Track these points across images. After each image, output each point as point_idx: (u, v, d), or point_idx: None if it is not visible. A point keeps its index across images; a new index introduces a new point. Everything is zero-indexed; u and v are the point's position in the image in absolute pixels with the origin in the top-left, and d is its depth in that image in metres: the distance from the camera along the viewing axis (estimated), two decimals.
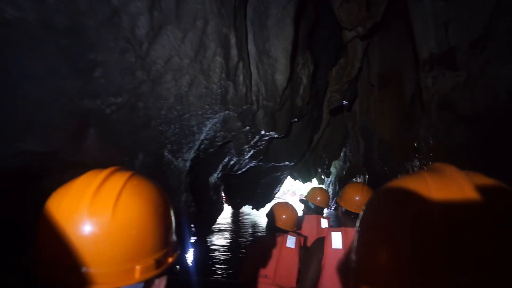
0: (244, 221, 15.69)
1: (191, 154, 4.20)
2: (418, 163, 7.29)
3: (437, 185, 0.47)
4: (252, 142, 5.68)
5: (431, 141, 5.52)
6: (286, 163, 8.60)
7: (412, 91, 7.53)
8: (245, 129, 5.01)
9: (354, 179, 12.94)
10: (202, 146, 4.63)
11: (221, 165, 5.90)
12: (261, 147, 6.58)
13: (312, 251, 2.03)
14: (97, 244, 0.60)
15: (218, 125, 4.45)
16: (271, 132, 5.83)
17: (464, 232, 0.41)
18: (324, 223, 3.19)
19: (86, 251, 0.59)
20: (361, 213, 0.57)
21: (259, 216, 16.39)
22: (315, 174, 17.61)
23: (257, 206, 10.89)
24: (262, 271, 2.31)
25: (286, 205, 2.64)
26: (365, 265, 0.51)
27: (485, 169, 4.16)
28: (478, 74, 4.42)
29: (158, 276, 0.68)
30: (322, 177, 20.03)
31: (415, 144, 6.79)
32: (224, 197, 9.58)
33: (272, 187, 10.38)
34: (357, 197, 2.03)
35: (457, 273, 0.39)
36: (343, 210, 2.07)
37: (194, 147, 4.12)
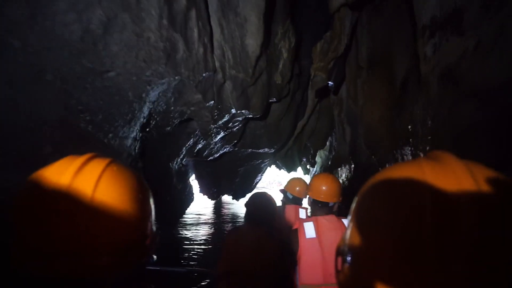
0: (226, 211, 14.79)
1: (134, 131, 3.21)
2: (410, 151, 6.43)
3: (433, 174, 0.46)
4: (220, 122, 4.71)
5: (429, 123, 4.61)
6: (266, 149, 7.65)
7: (404, 73, 6.63)
8: (208, 104, 4.04)
9: (339, 169, 12.07)
10: (153, 122, 3.64)
11: (185, 148, 4.92)
12: (234, 129, 5.62)
13: (288, 243, 2.05)
14: (75, 227, 0.57)
15: (170, 95, 3.48)
16: (243, 111, 4.86)
17: (456, 223, 0.40)
18: (302, 213, 3.21)
19: (65, 233, 0.56)
20: (355, 201, 0.56)
21: (241, 207, 15.51)
22: (299, 163, 16.75)
23: (237, 196, 9.95)
24: (242, 262, 2.22)
25: (265, 195, 2.58)
26: (360, 253, 0.50)
27: (497, 158, 3.18)
28: (491, 40, 3.49)
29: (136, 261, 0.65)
30: (308, 167, 19.21)
31: (409, 127, 5.93)
32: (199, 187, 8.62)
33: (252, 176, 9.44)
34: (323, 187, 2.08)
35: (446, 263, 0.39)
36: (311, 200, 2.14)
37: (137, 121, 3.14)
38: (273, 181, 31.76)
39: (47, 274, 0.55)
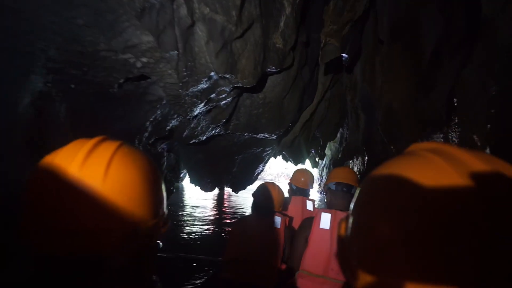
0: (227, 204, 13.58)
1: (33, 82, 1.90)
2: (441, 137, 5.03)
3: (440, 168, 0.42)
4: (196, 89, 3.40)
5: (481, 105, 3.15)
6: (266, 135, 6.31)
7: (435, 42, 5.21)
8: (170, 56, 2.72)
9: (351, 162, 10.65)
10: (75, 72, 2.32)
11: (150, 123, 3.60)
12: (221, 104, 4.30)
13: (300, 229, 2.02)
14: (88, 209, 0.55)
15: (97, 32, 2.14)
16: (228, 77, 3.54)
17: (465, 216, 0.37)
18: (309, 205, 3.14)
19: (74, 214, 0.55)
20: (355, 196, 0.53)
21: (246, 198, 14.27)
22: (307, 155, 15.36)
23: (235, 188, 8.65)
24: (248, 250, 2.21)
25: (273, 185, 2.54)
26: (360, 246, 0.47)
27: None
28: None
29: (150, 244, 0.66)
30: (317, 159, 17.79)
31: (441, 110, 4.52)
32: (188, 177, 7.36)
33: (252, 166, 8.12)
34: (344, 171, 2.06)
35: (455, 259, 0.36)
36: (334, 187, 2.01)
37: (34, 70, 1.81)
38: (281, 174, 30.45)
39: (59, 253, 0.54)
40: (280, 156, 15.06)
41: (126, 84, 2.84)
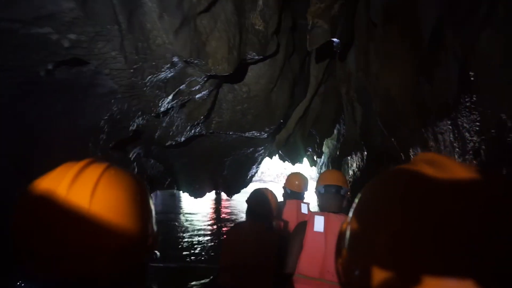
0: (226, 210, 12.98)
1: None
2: (450, 129, 4.41)
3: (434, 175, 0.43)
4: (156, 78, 2.76)
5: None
6: (255, 133, 5.68)
7: (436, 17, 4.59)
8: (107, 31, 2.09)
9: (349, 158, 10.00)
10: None
11: (104, 122, 2.96)
12: (195, 97, 3.67)
13: (294, 233, 2.02)
14: (74, 234, 0.55)
15: None
16: (196, 62, 2.91)
17: (457, 219, 0.38)
18: (304, 208, 3.08)
19: (63, 239, 0.55)
20: (355, 202, 0.53)
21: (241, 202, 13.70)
22: (305, 154, 14.71)
23: (228, 192, 8.01)
24: (243, 255, 2.18)
25: (266, 191, 2.55)
26: (358, 248, 0.48)
27: None
28: None
29: (139, 264, 0.66)
30: (314, 158, 17.14)
31: (448, 90, 3.90)
32: (174, 184, 6.73)
33: (244, 168, 7.49)
34: (330, 173, 2.17)
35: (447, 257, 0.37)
36: (323, 189, 2.03)
37: None
38: (280, 174, 29.79)
39: (47, 276, 0.55)
40: (277, 156, 14.41)
41: (58, 71, 2.20)
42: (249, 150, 6.85)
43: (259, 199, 2.46)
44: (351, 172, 10.30)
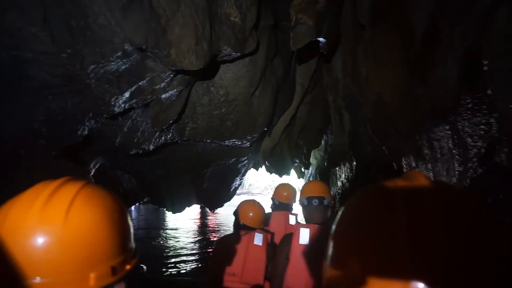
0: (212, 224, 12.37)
1: None
2: (448, 133, 3.93)
3: (405, 190, 0.46)
4: (104, 69, 2.22)
5: None
6: (236, 141, 5.15)
7: (426, 22, 4.19)
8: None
9: (337, 169, 9.53)
10: None
11: (40, 124, 2.37)
12: (161, 97, 3.14)
13: (280, 246, 2.01)
14: (48, 253, 0.54)
15: None
16: (154, 51, 2.38)
17: (428, 229, 0.41)
18: (292, 220, 3.03)
19: (38, 261, 0.53)
20: (337, 218, 0.55)
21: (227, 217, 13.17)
22: (292, 166, 14.19)
23: (210, 206, 7.40)
24: (229, 269, 2.18)
25: (253, 203, 2.51)
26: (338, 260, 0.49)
27: None
28: None
29: (116, 283, 0.63)
30: (302, 169, 16.65)
31: (447, 90, 3.44)
32: (148, 197, 6.12)
33: (226, 180, 6.91)
34: (312, 184, 2.17)
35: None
36: (306, 202, 2.02)
37: None
38: (268, 187, 29.19)
39: None
40: (264, 167, 13.86)
41: None
42: (230, 160, 6.29)
43: (247, 211, 2.42)
44: (339, 184, 9.80)
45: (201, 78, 3.71)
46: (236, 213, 2.47)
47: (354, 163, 7.60)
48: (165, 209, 6.37)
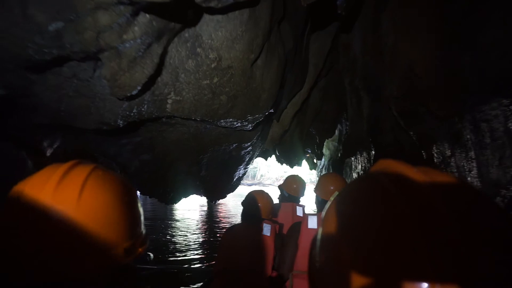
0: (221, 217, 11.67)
1: None
2: (503, 106, 2.92)
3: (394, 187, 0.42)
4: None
5: None
6: (234, 122, 4.23)
7: None
8: None
9: (353, 159, 8.49)
10: None
11: None
12: (120, 48, 2.20)
13: (289, 233, 2.00)
14: (62, 234, 0.53)
15: None
16: None
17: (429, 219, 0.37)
18: (299, 211, 2.96)
19: (48, 241, 0.52)
20: (327, 206, 0.52)
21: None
22: (304, 156, 13.19)
23: (210, 196, 6.53)
24: (237, 259, 2.12)
25: (261, 194, 2.46)
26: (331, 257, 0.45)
27: None
28: None
29: (128, 265, 0.63)
30: (314, 160, 15.63)
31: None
32: (137, 187, 5.22)
33: (227, 168, 6.01)
34: (331, 187, 2.03)
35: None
36: (319, 199, 2.08)
37: None
38: (280, 177, 28.26)
39: (34, 280, 0.52)
40: (274, 158, 12.89)
41: None
42: (231, 146, 5.36)
43: (255, 202, 2.37)
44: (355, 175, 8.77)
45: (182, 32, 2.78)
46: (244, 204, 2.42)
47: (373, 152, 6.57)
48: (156, 199, 5.50)
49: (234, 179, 6.65)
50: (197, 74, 3.25)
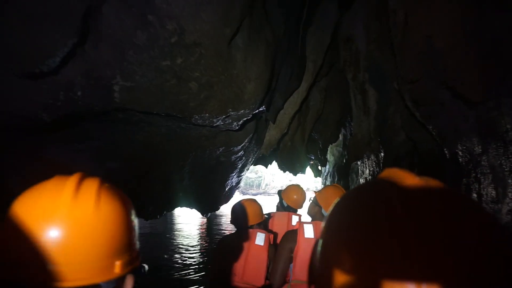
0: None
1: None
2: None
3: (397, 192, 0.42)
4: None
5: None
6: (211, 118, 3.38)
7: None
8: None
9: (359, 163, 7.53)
10: None
11: None
12: None
13: (283, 242, 1.91)
14: (81, 240, 0.54)
15: None
16: None
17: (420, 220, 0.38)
18: (295, 220, 2.80)
19: (70, 247, 0.53)
20: (328, 214, 0.50)
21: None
22: (307, 163, 12.24)
23: (201, 209, 5.67)
24: (231, 269, 2.05)
25: (248, 202, 2.33)
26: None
27: None
28: None
29: (128, 273, 0.63)
30: (319, 167, 14.64)
31: None
32: None
33: (217, 177, 5.14)
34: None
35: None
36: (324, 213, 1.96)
37: None
38: (284, 186, 27.27)
39: (50, 284, 0.52)
40: (276, 165, 11.95)
41: None
42: (218, 150, 4.51)
43: (241, 211, 2.22)
44: (362, 181, 7.81)
45: None
46: (233, 213, 2.29)
47: (382, 154, 5.64)
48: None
49: (227, 189, 5.76)
50: (152, 51, 2.42)
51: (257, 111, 4.21)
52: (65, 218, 0.53)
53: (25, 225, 0.53)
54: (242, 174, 6.01)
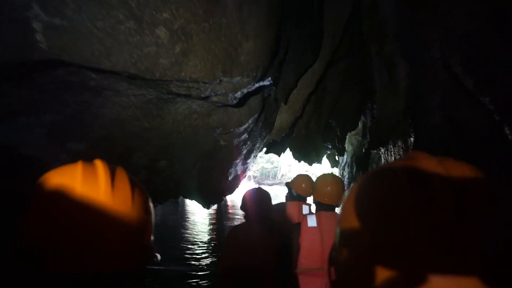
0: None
1: None
2: None
3: (407, 172, 0.41)
4: None
5: None
6: (189, 80, 2.49)
7: None
8: None
9: (383, 150, 6.51)
10: None
11: None
12: None
13: (291, 235, 1.94)
14: (119, 226, 0.54)
15: None
16: None
17: (435, 211, 0.37)
18: (306, 210, 2.76)
19: (106, 234, 0.53)
20: (345, 199, 0.51)
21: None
22: (324, 152, 11.28)
23: (201, 200, 4.89)
24: (241, 259, 1.98)
25: (259, 191, 2.24)
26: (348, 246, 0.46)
27: None
28: None
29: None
30: (336, 157, 13.61)
31: None
32: None
33: (216, 165, 4.32)
34: (328, 188, 1.96)
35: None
36: (316, 201, 2.01)
37: None
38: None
39: (72, 270, 0.50)
40: (290, 154, 11.02)
41: None
42: (215, 132, 3.67)
43: (254, 201, 2.16)
44: None
45: None
46: (242, 204, 2.22)
47: (412, 139, 4.65)
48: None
49: (230, 178, 4.94)
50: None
51: (261, 83, 3.34)
52: (109, 205, 0.52)
53: (62, 211, 0.50)
54: (248, 161, 5.17)
